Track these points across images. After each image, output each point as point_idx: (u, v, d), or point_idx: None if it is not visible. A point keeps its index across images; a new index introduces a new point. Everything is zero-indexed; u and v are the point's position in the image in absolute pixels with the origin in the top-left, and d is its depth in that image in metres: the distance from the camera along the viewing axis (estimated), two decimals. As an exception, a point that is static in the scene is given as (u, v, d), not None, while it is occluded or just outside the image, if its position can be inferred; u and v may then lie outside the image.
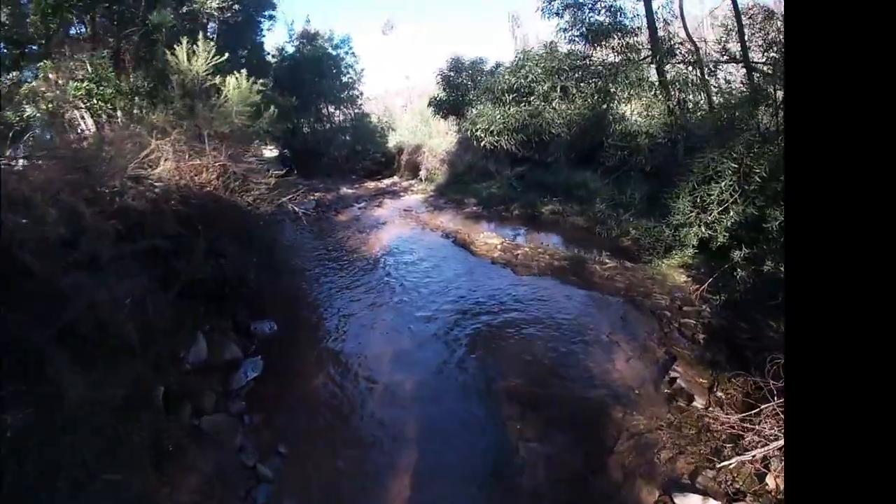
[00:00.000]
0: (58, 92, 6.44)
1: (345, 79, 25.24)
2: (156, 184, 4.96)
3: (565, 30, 10.52)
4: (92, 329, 4.09)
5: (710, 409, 4.94)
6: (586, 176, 12.92)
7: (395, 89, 36.85)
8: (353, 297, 7.85)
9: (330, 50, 24.58)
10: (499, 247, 9.45)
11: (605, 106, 10.82)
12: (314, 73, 22.96)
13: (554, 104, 11.69)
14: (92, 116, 7.82)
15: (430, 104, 20.70)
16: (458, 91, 18.66)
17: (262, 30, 19.47)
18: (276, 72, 22.75)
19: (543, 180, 14.23)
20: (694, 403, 5.01)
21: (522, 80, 12.46)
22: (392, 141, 25.36)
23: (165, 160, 5.02)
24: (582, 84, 10.91)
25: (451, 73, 19.36)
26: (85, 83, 7.36)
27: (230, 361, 5.81)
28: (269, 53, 22.63)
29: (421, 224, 12.69)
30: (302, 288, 8.46)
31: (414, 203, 16.05)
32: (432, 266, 9.05)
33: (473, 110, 13.99)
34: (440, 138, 21.23)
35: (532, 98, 12.23)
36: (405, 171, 22.29)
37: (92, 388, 4.00)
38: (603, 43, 10.23)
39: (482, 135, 12.99)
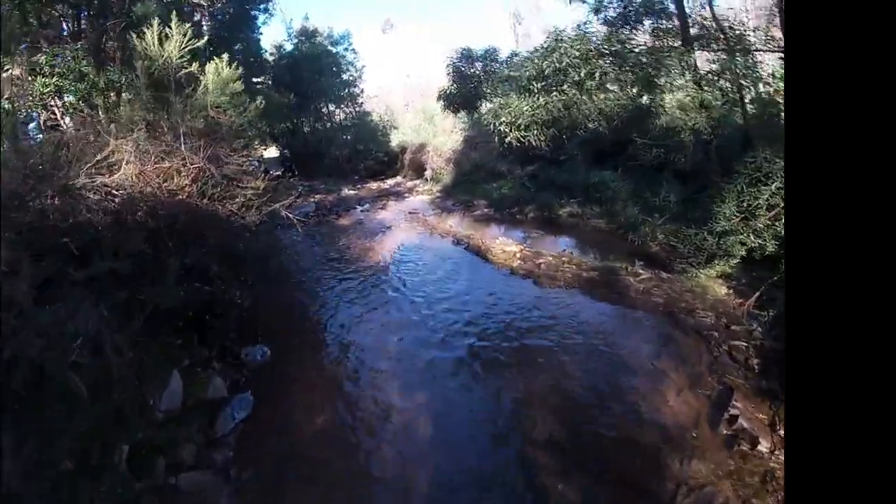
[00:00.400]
0: (14, 88, 5.53)
1: (345, 76, 24.57)
2: (115, 192, 4.05)
3: (597, 10, 9.41)
4: (25, 384, 3.19)
5: (776, 451, 4.13)
6: (605, 175, 12.00)
7: (396, 88, 35.93)
8: (357, 316, 6.94)
9: (329, 47, 23.87)
10: (518, 255, 8.47)
11: (645, 97, 9.63)
12: (313, 70, 22.24)
13: (591, 94, 10.05)
14: (70, 116, 6.94)
15: (439, 97, 19.08)
16: (471, 83, 17.13)
17: (257, 25, 18.72)
18: (274, 70, 22.16)
19: (557, 180, 13.36)
20: (759, 447, 4.18)
21: (557, 65, 10.30)
22: (395, 140, 24.57)
23: (127, 163, 4.11)
24: (619, 72, 9.56)
25: (463, 64, 17.89)
26: (54, 79, 6.46)
27: (214, 401, 4.92)
28: (266, 51, 21.96)
29: (429, 228, 11.77)
30: (299, 306, 7.53)
31: (420, 205, 15.18)
32: (445, 277, 8.11)
33: (489, 103, 12.38)
34: (445, 136, 20.29)
35: (565, 86, 10.39)
36: (409, 170, 21.53)
37: (25, 461, 3.12)
38: (638, 27, 9.19)
39: (506, 129, 11.08)
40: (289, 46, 23.64)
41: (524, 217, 12.01)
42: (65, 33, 8.86)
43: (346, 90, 24.79)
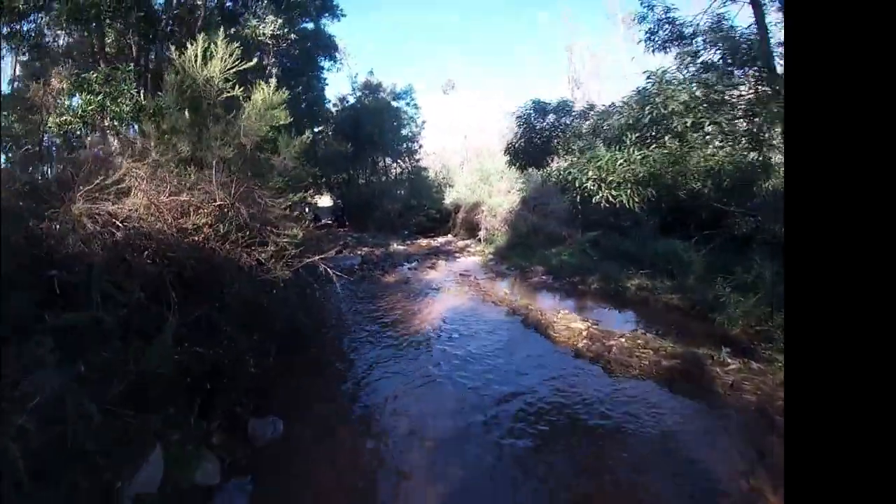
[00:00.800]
0: (51, 99, 5.13)
1: (404, 131, 24.73)
2: (119, 223, 3.35)
3: (695, 54, 8.36)
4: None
5: None
6: (676, 244, 10.82)
7: (454, 147, 36.23)
8: (393, 394, 5.90)
9: (392, 101, 24.19)
10: (584, 333, 7.28)
11: (753, 154, 8.14)
12: (375, 123, 22.45)
13: (695, 148, 8.29)
14: (117, 136, 6.59)
15: (506, 151, 17.11)
16: (542, 136, 15.11)
17: (323, 76, 19.10)
18: (336, 120, 22.46)
19: (621, 247, 12.30)
20: None
21: (662, 111, 8.31)
22: (449, 198, 24.19)
23: (139, 190, 3.43)
24: (728, 123, 8.03)
25: (535, 116, 15.67)
26: (100, 97, 6.12)
27: (202, 488, 3.97)
28: (330, 101, 22.43)
29: (481, 293, 10.76)
30: (327, 374, 6.57)
31: (471, 266, 14.33)
32: (500, 356, 6.99)
33: (561, 159, 11.14)
34: (501, 197, 19.64)
35: (667, 139, 8.33)
36: (461, 229, 20.98)
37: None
38: (740, 73, 8.15)
39: (593, 186, 8.89)
40: (352, 99, 24.15)
41: (587, 288, 10.88)
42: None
43: (405, 145, 24.91)
